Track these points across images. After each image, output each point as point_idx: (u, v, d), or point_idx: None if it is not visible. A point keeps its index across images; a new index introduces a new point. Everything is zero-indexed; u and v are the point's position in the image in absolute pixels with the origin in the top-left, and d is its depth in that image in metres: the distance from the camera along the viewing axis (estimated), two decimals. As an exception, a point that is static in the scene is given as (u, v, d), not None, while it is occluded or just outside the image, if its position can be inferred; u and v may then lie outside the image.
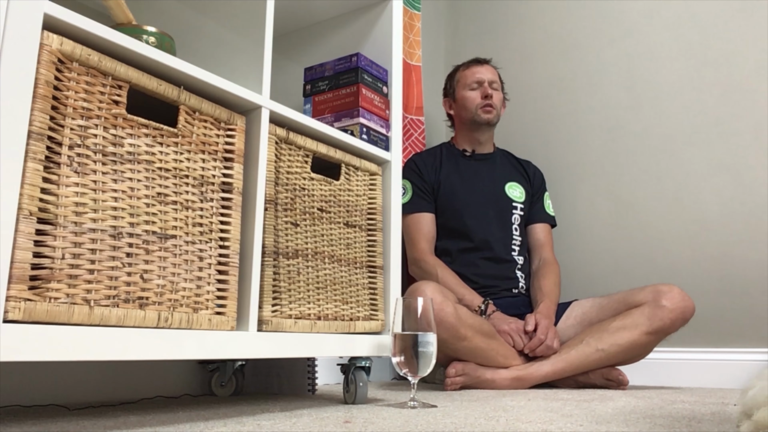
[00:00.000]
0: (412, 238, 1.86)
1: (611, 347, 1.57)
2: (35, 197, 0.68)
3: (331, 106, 1.30)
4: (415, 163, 1.94)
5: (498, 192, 1.93)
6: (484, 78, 1.95)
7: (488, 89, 1.94)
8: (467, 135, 2.00)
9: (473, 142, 2.00)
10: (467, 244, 1.86)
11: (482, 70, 1.97)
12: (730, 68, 1.98)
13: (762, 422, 0.61)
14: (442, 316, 1.48)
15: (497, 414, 1.00)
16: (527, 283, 1.88)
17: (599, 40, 2.24)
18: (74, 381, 1.14)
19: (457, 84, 2.00)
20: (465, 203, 1.88)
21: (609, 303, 1.68)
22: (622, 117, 2.15)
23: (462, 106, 1.97)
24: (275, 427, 0.85)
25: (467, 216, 1.87)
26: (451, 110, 2.04)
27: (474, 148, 2.00)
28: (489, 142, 2.02)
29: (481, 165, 1.98)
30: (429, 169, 1.93)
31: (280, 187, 1.04)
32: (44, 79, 0.70)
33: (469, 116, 1.95)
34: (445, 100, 2.06)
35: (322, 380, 1.67)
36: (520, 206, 1.95)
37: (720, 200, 1.94)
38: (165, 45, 0.93)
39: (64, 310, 0.69)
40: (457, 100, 1.99)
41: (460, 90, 1.98)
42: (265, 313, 0.98)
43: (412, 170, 1.92)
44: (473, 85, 1.95)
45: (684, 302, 1.57)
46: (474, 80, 1.95)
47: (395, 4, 1.39)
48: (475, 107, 1.93)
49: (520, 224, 1.94)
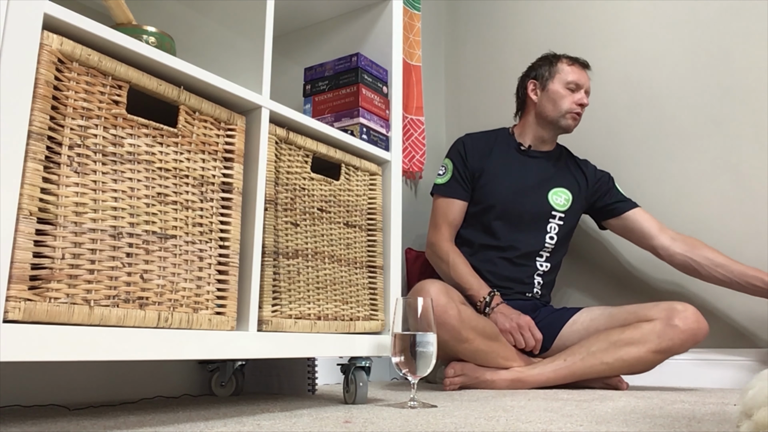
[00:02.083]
0: (436, 221, 1.83)
1: (616, 362, 1.54)
2: (35, 197, 0.68)
3: (331, 106, 1.30)
4: (464, 144, 1.88)
5: (540, 197, 1.85)
6: (583, 84, 1.86)
7: (585, 98, 1.85)
8: (536, 128, 1.90)
9: (538, 138, 1.90)
10: (491, 242, 1.81)
11: (585, 76, 1.88)
12: (730, 68, 1.98)
13: (762, 422, 0.61)
14: (445, 318, 1.47)
15: (497, 414, 1.00)
16: (542, 289, 1.84)
17: (599, 40, 2.24)
18: (74, 381, 1.14)
19: (555, 75, 1.87)
20: (502, 203, 1.82)
21: (619, 313, 1.63)
22: (622, 117, 2.15)
23: (551, 100, 1.85)
24: (275, 427, 0.84)
25: (500, 217, 1.81)
26: (533, 95, 1.89)
27: (535, 143, 1.91)
28: (553, 141, 1.93)
29: (533, 162, 1.89)
30: (476, 155, 1.86)
31: (280, 187, 1.04)
32: (44, 79, 0.70)
33: (554, 115, 1.85)
34: (531, 82, 1.91)
35: (322, 380, 1.67)
36: (560, 215, 1.86)
37: (720, 200, 1.94)
38: (165, 45, 0.93)
39: (64, 310, 0.69)
40: (549, 91, 1.86)
41: (556, 83, 1.86)
42: (265, 313, 0.98)
43: (458, 152, 1.86)
44: (571, 85, 1.85)
45: (698, 324, 1.52)
46: (574, 80, 1.85)
47: (395, 4, 1.39)
48: (566, 110, 1.84)
49: (558, 233, 1.85)
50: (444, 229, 1.81)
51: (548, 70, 1.89)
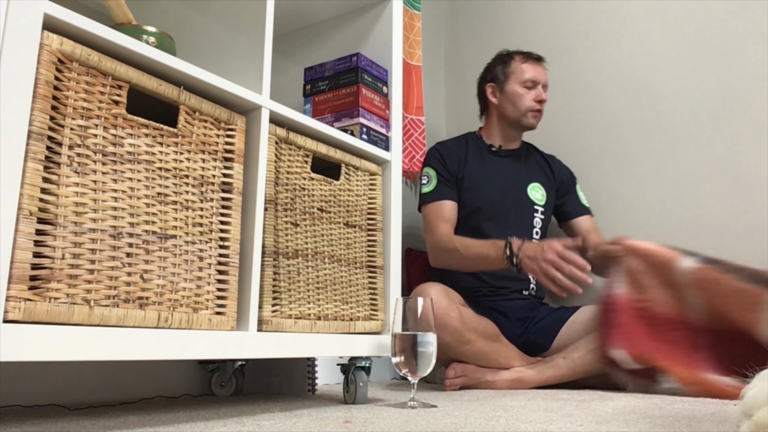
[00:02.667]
0: (431, 225, 1.79)
1: None
2: (35, 197, 0.68)
3: (331, 106, 1.30)
4: (439, 151, 1.88)
5: (520, 194, 1.87)
6: (540, 79, 1.88)
7: (543, 93, 1.87)
8: (501, 129, 1.92)
9: (505, 138, 1.93)
10: None
11: (539, 70, 1.90)
12: (730, 68, 1.98)
13: (762, 422, 0.61)
14: (447, 321, 1.47)
15: (497, 414, 1.00)
16: (537, 284, 1.84)
17: (599, 40, 2.24)
18: (74, 381, 1.14)
19: (510, 75, 1.89)
20: (486, 203, 1.83)
21: None
22: (622, 117, 2.15)
23: (510, 101, 1.88)
24: (275, 427, 0.84)
25: (487, 216, 1.82)
26: (493, 98, 1.92)
27: (503, 143, 1.93)
28: (519, 138, 1.97)
29: (506, 162, 1.91)
30: (453, 159, 1.87)
31: (280, 187, 1.04)
32: (44, 79, 0.70)
33: (516, 115, 1.87)
34: (489, 85, 1.93)
35: (322, 380, 1.66)
36: (541, 209, 1.89)
37: (720, 200, 1.94)
38: (165, 45, 0.93)
39: (64, 310, 0.69)
40: (506, 93, 1.89)
41: (512, 83, 1.88)
42: (265, 313, 0.98)
43: (436, 159, 1.87)
44: (528, 83, 1.86)
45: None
46: (530, 78, 1.87)
47: (395, 4, 1.39)
48: (526, 109, 1.86)
49: (541, 227, 1.88)
50: (442, 227, 1.78)
51: (503, 71, 1.92)
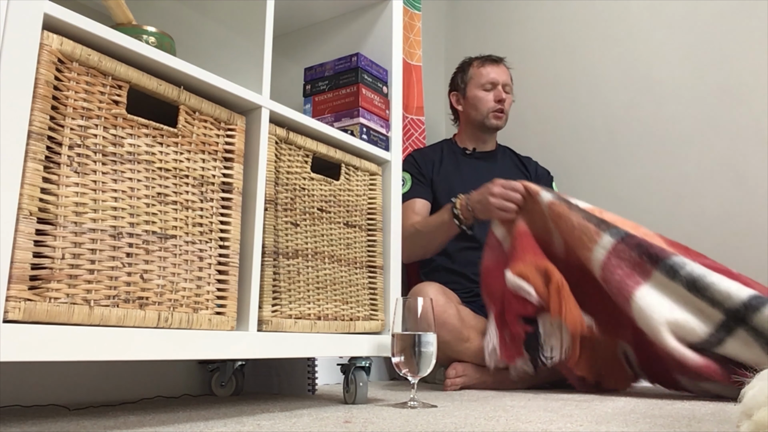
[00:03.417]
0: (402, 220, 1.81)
1: None
2: (35, 197, 0.68)
3: (331, 106, 1.30)
4: (413, 157, 1.95)
5: None
6: (498, 80, 1.93)
7: (502, 93, 1.92)
8: (472, 133, 2.00)
9: (477, 141, 2.00)
10: (465, 243, 1.84)
11: (497, 71, 1.95)
12: (730, 68, 1.98)
13: (762, 422, 0.61)
14: (445, 318, 1.47)
15: (497, 414, 1.00)
16: None
17: (599, 40, 2.24)
18: (74, 381, 1.14)
19: (469, 81, 1.97)
20: None
21: None
22: (622, 117, 2.15)
23: (472, 106, 1.95)
24: (275, 427, 0.84)
25: None
26: (458, 106, 2.02)
27: (476, 146, 2.00)
28: (492, 140, 2.03)
29: (481, 163, 1.98)
30: (427, 163, 1.93)
31: (280, 187, 1.04)
32: (44, 79, 0.70)
33: (479, 118, 1.94)
34: (452, 94, 2.03)
35: (322, 380, 1.66)
36: None
37: (720, 200, 1.94)
38: (165, 45, 0.93)
39: (64, 310, 0.69)
40: (468, 98, 1.97)
41: (472, 88, 1.95)
42: (265, 313, 0.98)
43: (410, 163, 1.92)
44: (487, 86, 1.92)
45: None
46: (488, 80, 1.93)
47: (395, 4, 1.39)
48: (487, 111, 1.92)
49: None
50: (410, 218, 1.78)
51: (462, 79, 1.99)
